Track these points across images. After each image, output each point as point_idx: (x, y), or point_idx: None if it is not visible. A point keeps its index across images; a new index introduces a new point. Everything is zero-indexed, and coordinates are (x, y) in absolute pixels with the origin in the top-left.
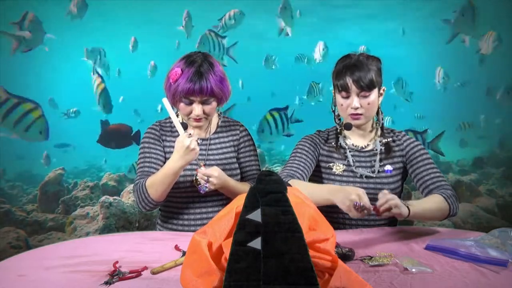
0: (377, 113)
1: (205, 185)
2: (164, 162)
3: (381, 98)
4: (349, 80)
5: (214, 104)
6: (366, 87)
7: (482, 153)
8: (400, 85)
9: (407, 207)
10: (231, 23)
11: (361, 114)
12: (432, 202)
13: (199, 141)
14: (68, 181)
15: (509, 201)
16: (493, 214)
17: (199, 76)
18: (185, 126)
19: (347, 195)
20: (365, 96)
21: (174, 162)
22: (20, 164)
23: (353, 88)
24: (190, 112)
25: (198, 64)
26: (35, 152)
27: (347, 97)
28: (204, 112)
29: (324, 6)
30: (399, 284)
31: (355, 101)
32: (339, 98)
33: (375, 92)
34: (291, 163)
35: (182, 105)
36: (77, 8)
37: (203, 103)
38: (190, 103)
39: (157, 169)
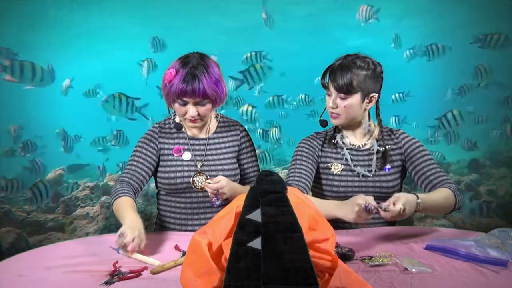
0: (376, 116)
1: (215, 199)
2: (153, 165)
3: (371, 104)
4: (328, 80)
5: (208, 105)
6: (341, 90)
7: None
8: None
9: (417, 203)
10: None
11: (338, 114)
12: (441, 196)
13: (196, 141)
14: (68, 181)
15: (509, 201)
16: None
17: (192, 77)
18: (179, 127)
19: (353, 202)
20: (343, 99)
21: (123, 224)
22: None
23: (331, 88)
24: (185, 113)
25: (193, 65)
26: (35, 152)
27: (329, 95)
28: (198, 114)
29: None
30: (399, 284)
31: (331, 100)
32: (325, 95)
33: (355, 97)
34: (293, 172)
35: (177, 105)
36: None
37: (197, 104)
38: (184, 104)
39: (143, 171)
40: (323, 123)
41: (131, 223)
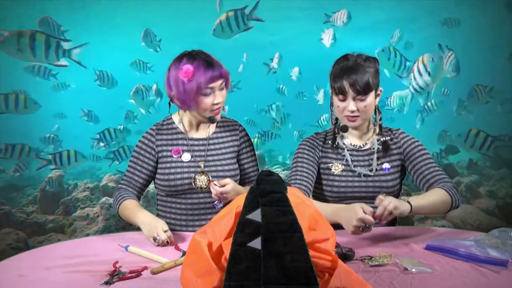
0: (375, 113)
1: (218, 201)
2: (151, 171)
3: (377, 99)
4: (346, 84)
5: (225, 89)
6: (362, 91)
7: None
8: None
9: (408, 202)
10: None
11: (357, 116)
12: (434, 195)
13: (196, 142)
14: (68, 183)
15: (509, 202)
16: (493, 215)
17: (210, 63)
18: (213, 120)
19: (350, 220)
20: (362, 100)
21: (139, 224)
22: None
23: (350, 92)
24: (212, 103)
25: (202, 55)
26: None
27: (344, 100)
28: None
29: None
30: (399, 284)
31: (351, 104)
32: (336, 100)
33: (371, 95)
34: (294, 175)
35: (202, 98)
36: None
37: (220, 89)
38: (211, 93)
39: (141, 178)
40: (345, 128)
41: (145, 220)
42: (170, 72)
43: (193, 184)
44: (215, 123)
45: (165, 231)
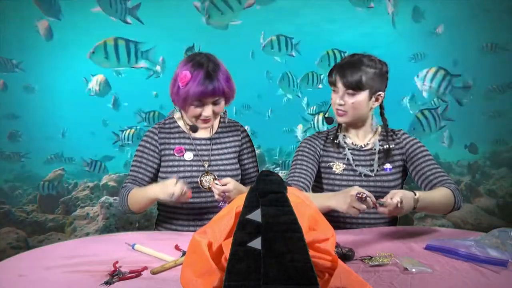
0: (381, 118)
1: (222, 202)
2: (155, 169)
3: (377, 103)
4: (336, 76)
5: (222, 103)
6: (350, 86)
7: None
8: None
9: (414, 193)
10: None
11: (345, 112)
12: (439, 193)
13: (198, 141)
14: (68, 182)
15: (509, 201)
16: (493, 215)
17: (209, 78)
18: (194, 129)
19: (346, 193)
20: (352, 95)
21: (153, 193)
22: (20, 165)
23: (339, 85)
24: (199, 114)
25: (206, 65)
26: (35, 152)
27: (336, 92)
28: (213, 112)
29: None
30: (399, 284)
31: (339, 97)
32: (332, 92)
33: (363, 94)
34: (293, 173)
35: (192, 107)
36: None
37: (213, 103)
38: (201, 105)
39: (146, 176)
40: (329, 120)
41: (156, 188)
42: (176, 70)
43: (200, 185)
44: (218, 124)
45: (176, 184)
